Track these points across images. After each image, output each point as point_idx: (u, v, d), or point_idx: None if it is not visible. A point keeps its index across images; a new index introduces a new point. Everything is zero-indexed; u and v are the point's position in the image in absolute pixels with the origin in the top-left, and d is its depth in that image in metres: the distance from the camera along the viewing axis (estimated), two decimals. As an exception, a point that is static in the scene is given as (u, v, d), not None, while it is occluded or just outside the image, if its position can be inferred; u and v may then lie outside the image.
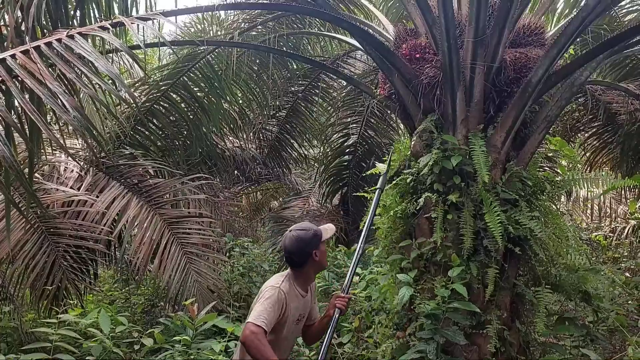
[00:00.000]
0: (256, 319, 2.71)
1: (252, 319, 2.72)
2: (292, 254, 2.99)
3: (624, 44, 4.25)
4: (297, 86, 8.47)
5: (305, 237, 2.99)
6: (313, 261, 3.01)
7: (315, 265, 3.05)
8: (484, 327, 3.87)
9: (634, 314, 6.03)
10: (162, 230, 5.29)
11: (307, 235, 3.00)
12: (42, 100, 2.24)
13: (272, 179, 9.95)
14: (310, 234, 3.01)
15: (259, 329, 2.67)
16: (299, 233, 3.01)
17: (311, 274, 3.09)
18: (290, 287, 2.96)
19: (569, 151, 4.55)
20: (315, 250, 2.99)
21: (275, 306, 2.81)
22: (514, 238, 3.91)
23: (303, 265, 3.01)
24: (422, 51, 4.34)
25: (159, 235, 5.23)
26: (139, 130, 6.75)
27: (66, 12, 3.68)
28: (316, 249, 2.99)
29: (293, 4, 4.74)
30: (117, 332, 4.32)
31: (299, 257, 2.99)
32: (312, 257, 2.99)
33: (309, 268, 3.04)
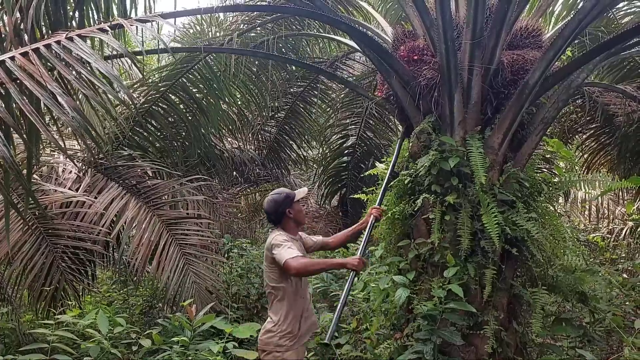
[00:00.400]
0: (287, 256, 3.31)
1: (286, 257, 3.31)
2: (269, 213, 3.68)
3: (621, 46, 4.26)
4: (296, 87, 8.49)
5: (278, 199, 3.65)
6: (288, 218, 3.66)
7: (292, 220, 3.69)
8: (481, 327, 3.89)
9: (631, 315, 6.04)
10: (161, 231, 5.30)
11: (280, 197, 3.66)
12: (41, 102, 2.25)
13: (271, 180, 9.96)
14: (282, 196, 3.66)
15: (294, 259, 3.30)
16: (273, 196, 3.68)
17: (291, 227, 3.71)
18: (284, 234, 3.59)
19: (566, 153, 4.57)
20: (288, 208, 3.65)
21: (289, 242, 3.45)
22: (511, 239, 3.92)
23: (281, 222, 3.66)
24: (420, 53, 4.36)
25: (158, 236, 5.24)
26: (138, 132, 6.76)
27: (65, 13, 3.69)
28: (289, 208, 3.65)
29: (291, 6, 4.75)
30: (115, 333, 4.32)
31: (274, 215, 3.65)
32: (286, 215, 3.65)
33: (287, 223, 3.68)
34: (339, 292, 6.15)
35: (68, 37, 2.55)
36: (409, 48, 4.42)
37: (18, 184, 3.54)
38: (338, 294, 6.14)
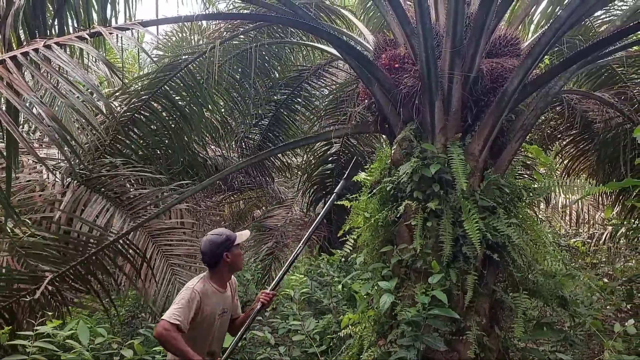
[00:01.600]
0: (169, 317, 3.05)
1: (165, 317, 3.06)
2: (205, 254, 3.33)
3: (598, 54, 4.35)
4: (280, 95, 8.48)
5: (217, 241, 3.32)
6: (225, 262, 3.32)
7: (228, 265, 3.36)
8: (463, 333, 3.92)
9: (611, 319, 6.12)
10: (146, 243, 5.25)
11: (219, 239, 3.33)
12: (20, 112, 2.23)
13: (255, 188, 9.93)
14: (222, 238, 3.33)
15: (171, 325, 3.03)
16: (212, 237, 3.35)
17: (225, 273, 3.39)
18: (205, 286, 3.26)
19: (545, 159, 4.64)
20: (226, 252, 3.31)
21: (189, 304, 3.12)
22: (493, 245, 3.96)
23: (216, 265, 3.33)
24: (401, 61, 4.41)
25: (144, 248, 5.18)
26: (120, 140, 6.70)
27: (44, 21, 3.65)
28: (227, 251, 3.32)
29: (273, 14, 4.77)
30: (97, 344, 4.27)
31: (210, 257, 3.31)
32: (223, 258, 3.31)
33: (222, 268, 3.35)
34: (323, 299, 6.16)
35: (46, 45, 2.53)
36: (390, 56, 4.47)
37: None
38: (322, 301, 6.15)
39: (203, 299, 3.20)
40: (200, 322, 3.22)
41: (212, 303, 3.26)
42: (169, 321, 3.04)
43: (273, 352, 5.03)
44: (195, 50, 6.66)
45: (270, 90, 8.13)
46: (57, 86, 2.51)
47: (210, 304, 3.25)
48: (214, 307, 3.28)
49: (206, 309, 3.22)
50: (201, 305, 3.18)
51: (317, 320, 5.67)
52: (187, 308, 3.12)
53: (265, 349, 5.08)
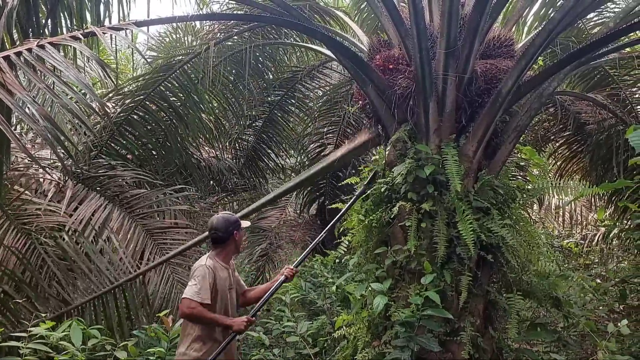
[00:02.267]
0: (192, 295, 3.32)
1: (187, 295, 3.32)
2: (219, 230, 3.61)
3: (591, 55, 4.37)
4: (274, 96, 8.48)
5: (231, 219, 3.67)
6: (233, 239, 3.65)
7: (234, 243, 3.68)
8: (457, 333, 3.92)
9: (604, 319, 6.15)
10: (145, 241, 5.25)
11: (233, 217, 3.70)
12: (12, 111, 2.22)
13: (249, 189, 9.90)
14: (234, 217, 3.71)
15: (194, 302, 3.31)
16: (226, 215, 3.72)
17: (231, 251, 3.70)
18: (214, 262, 3.53)
19: (539, 160, 4.65)
20: (236, 230, 3.65)
21: (207, 279, 3.39)
22: (487, 245, 3.97)
23: (225, 242, 3.63)
24: (396, 62, 4.41)
25: (142, 246, 5.19)
26: (116, 140, 6.68)
27: (37, 21, 3.64)
28: (237, 230, 3.66)
29: (267, 15, 4.77)
30: (90, 346, 4.24)
31: (223, 233, 3.61)
32: (233, 235, 3.63)
33: (230, 245, 3.66)
34: (318, 300, 6.15)
35: (40, 45, 2.52)
36: (385, 57, 4.47)
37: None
38: (316, 302, 6.14)
39: (215, 273, 3.46)
40: (216, 297, 3.47)
41: (222, 277, 3.53)
42: (191, 299, 3.30)
43: (267, 354, 5.01)
44: (190, 51, 6.65)
45: (264, 92, 8.13)
46: (50, 86, 2.49)
47: (221, 279, 3.51)
48: (225, 282, 3.55)
49: (219, 283, 3.48)
50: (215, 279, 3.44)
51: (311, 321, 5.66)
52: (204, 283, 3.36)
53: (259, 350, 5.06)
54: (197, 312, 3.31)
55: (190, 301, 3.30)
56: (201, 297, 3.32)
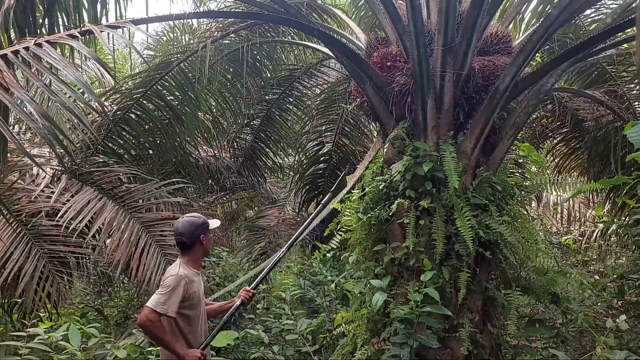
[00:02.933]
0: (154, 305, 3.03)
1: (150, 304, 3.05)
2: (183, 235, 3.33)
3: (588, 52, 4.38)
4: (272, 94, 8.47)
5: (196, 222, 3.36)
6: (200, 244, 3.36)
7: (202, 248, 3.40)
8: (456, 330, 3.93)
9: (602, 315, 6.16)
10: (140, 232, 5.24)
11: (198, 221, 3.38)
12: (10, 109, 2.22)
13: (247, 188, 9.90)
14: (200, 220, 3.39)
15: (155, 314, 3.02)
16: (191, 218, 3.40)
17: (199, 255, 3.43)
18: (187, 270, 3.28)
19: (537, 157, 4.65)
20: (203, 234, 3.36)
21: (176, 289, 3.11)
22: (485, 242, 3.98)
23: (192, 247, 3.35)
24: (393, 59, 4.41)
25: (137, 237, 5.18)
26: (113, 139, 6.67)
27: (34, 20, 3.63)
28: (204, 234, 3.36)
29: (265, 13, 4.76)
30: (89, 345, 4.24)
31: (189, 237, 3.32)
32: (199, 240, 3.35)
33: (197, 250, 3.38)
34: (317, 298, 6.15)
35: (37, 44, 2.51)
36: (382, 54, 4.47)
37: None
38: (315, 300, 6.14)
39: (188, 281, 3.22)
40: (194, 304, 3.28)
41: (196, 285, 3.31)
42: (154, 309, 3.02)
43: (267, 351, 5.02)
44: (187, 49, 6.64)
45: (262, 90, 8.12)
46: (48, 85, 2.49)
47: (195, 286, 3.29)
48: (199, 289, 3.35)
49: (192, 291, 3.24)
50: (188, 288, 3.20)
51: (310, 319, 5.66)
52: (174, 293, 3.10)
53: (258, 348, 5.07)
54: (154, 327, 3.03)
55: (151, 311, 3.01)
56: (164, 309, 3.03)
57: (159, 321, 3.05)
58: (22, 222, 5.01)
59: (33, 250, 4.90)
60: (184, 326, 3.23)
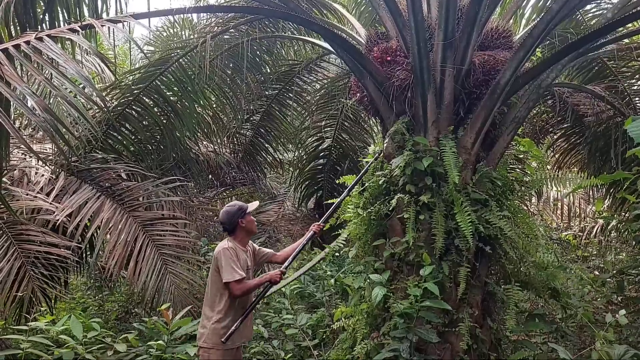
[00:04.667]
0: (234, 276, 3.64)
1: (228, 279, 3.63)
2: (224, 223, 3.92)
3: (589, 47, 4.37)
4: (271, 90, 8.46)
5: (232, 210, 3.91)
6: (241, 227, 3.91)
7: (244, 230, 3.93)
8: (456, 325, 3.94)
9: (602, 311, 6.18)
10: (137, 232, 5.24)
11: (233, 209, 3.92)
12: (11, 103, 2.22)
13: (247, 184, 9.89)
14: (235, 208, 3.93)
15: (239, 282, 3.65)
16: (227, 208, 3.94)
17: (244, 236, 3.96)
18: (234, 245, 3.84)
19: (537, 152, 4.66)
20: (241, 219, 3.89)
21: (234, 258, 3.72)
22: (485, 237, 3.98)
23: (234, 231, 3.91)
24: (393, 54, 4.40)
25: (134, 237, 5.18)
26: (111, 135, 6.68)
27: (35, 16, 3.63)
28: (242, 218, 3.90)
29: (265, 8, 4.76)
30: (90, 338, 4.26)
31: (229, 224, 3.90)
32: (239, 224, 3.89)
33: (240, 232, 3.92)
34: (316, 293, 6.17)
35: (38, 38, 2.51)
36: (382, 49, 4.46)
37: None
38: (315, 295, 6.16)
39: (238, 254, 3.78)
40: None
41: (242, 259, 3.82)
42: (235, 280, 3.63)
43: (266, 346, 5.04)
44: (187, 45, 6.63)
45: (261, 85, 8.11)
46: (49, 79, 2.49)
47: (242, 258, 3.81)
48: (244, 261, 3.83)
49: (242, 261, 3.79)
50: (238, 258, 3.76)
51: (310, 314, 5.68)
52: (235, 262, 3.69)
53: (258, 342, 5.09)
54: (246, 288, 3.69)
55: (236, 283, 3.63)
56: (239, 274, 3.64)
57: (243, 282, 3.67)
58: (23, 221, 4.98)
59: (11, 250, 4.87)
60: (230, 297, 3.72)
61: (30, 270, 4.74)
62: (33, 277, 4.73)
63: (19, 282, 4.70)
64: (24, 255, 4.82)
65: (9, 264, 4.72)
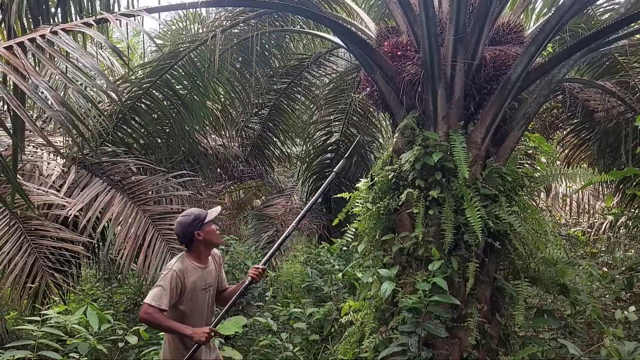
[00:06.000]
0: (151, 300, 3.13)
1: (147, 300, 3.15)
2: (178, 236, 3.41)
3: (601, 42, 4.34)
4: (280, 84, 8.47)
5: (186, 222, 3.35)
6: (197, 240, 3.35)
7: (202, 243, 3.38)
8: (464, 320, 3.94)
9: (610, 307, 6.16)
10: (147, 226, 5.28)
11: (188, 219, 3.36)
12: (26, 96, 2.24)
13: (255, 177, 9.93)
14: (190, 219, 3.36)
15: (151, 308, 3.11)
16: (181, 218, 3.40)
17: (202, 250, 3.40)
18: (184, 264, 3.30)
19: (547, 147, 4.65)
20: (197, 231, 3.33)
21: (169, 284, 3.18)
22: (494, 232, 3.98)
23: (191, 243, 3.37)
24: (404, 49, 4.39)
25: (144, 231, 5.21)
26: (122, 128, 6.71)
27: (47, 10, 3.65)
28: (198, 230, 3.34)
29: (275, 1, 4.76)
30: (101, 330, 4.30)
31: (183, 237, 3.37)
32: (195, 237, 3.34)
33: (197, 245, 3.37)
34: (324, 287, 6.19)
35: (52, 31, 2.53)
36: (393, 44, 4.46)
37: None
38: (323, 289, 6.18)
39: (184, 276, 3.25)
40: (189, 298, 3.30)
41: (194, 278, 3.31)
42: (150, 304, 3.12)
43: (274, 339, 5.07)
44: (196, 38, 6.64)
45: (270, 80, 8.11)
46: (64, 72, 2.50)
47: (192, 280, 3.30)
48: (197, 282, 3.33)
49: (189, 285, 3.27)
50: (183, 282, 3.24)
51: (317, 307, 5.71)
52: (167, 288, 3.17)
53: (266, 335, 5.12)
54: (154, 319, 3.14)
55: (148, 306, 3.13)
56: (158, 303, 3.13)
57: (157, 312, 3.13)
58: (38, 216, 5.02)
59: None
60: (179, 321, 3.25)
61: (43, 265, 4.78)
62: (46, 271, 4.76)
63: (33, 277, 4.74)
64: (38, 250, 4.85)
65: (23, 259, 4.76)
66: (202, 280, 3.37)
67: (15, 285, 4.69)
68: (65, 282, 5.06)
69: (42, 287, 4.70)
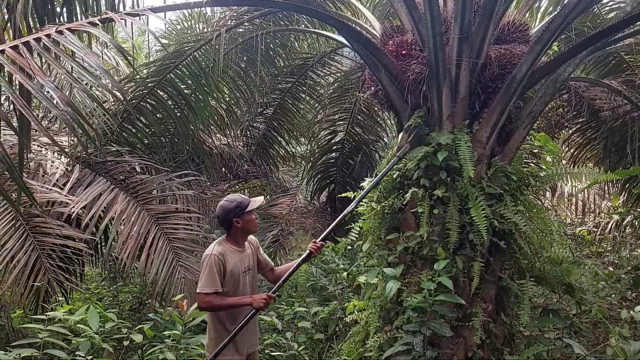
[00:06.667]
0: (202, 288, 3.32)
1: (200, 289, 3.33)
2: (218, 218, 3.54)
3: (606, 41, 4.33)
4: (285, 83, 8.46)
5: (227, 207, 3.47)
6: (236, 227, 3.47)
7: (240, 230, 3.50)
8: (469, 319, 3.94)
9: (616, 307, 6.13)
10: (150, 225, 5.28)
11: (230, 205, 3.47)
12: (32, 95, 2.25)
13: (260, 177, 9.94)
14: (232, 205, 3.47)
15: (208, 296, 3.31)
16: (224, 203, 3.52)
17: (239, 235, 3.54)
18: (223, 248, 3.45)
19: (553, 146, 4.63)
20: (236, 218, 3.44)
21: (212, 269, 3.34)
22: (499, 232, 3.97)
23: (229, 229, 3.51)
24: (408, 48, 4.39)
25: (146, 230, 5.22)
26: (126, 128, 6.72)
27: (53, 9, 3.67)
28: (237, 218, 3.45)
29: (280, 1, 4.76)
30: (106, 329, 4.32)
31: (222, 222, 3.51)
32: (233, 223, 3.46)
33: (235, 231, 3.50)
34: (329, 286, 6.19)
35: (58, 31, 2.54)
36: (398, 43, 4.45)
37: (3, 180, 3.48)
38: (327, 288, 6.18)
39: (224, 259, 3.39)
40: (229, 279, 3.42)
41: (234, 261, 3.44)
42: (206, 292, 3.30)
43: (279, 338, 5.07)
44: (201, 38, 6.65)
45: (275, 79, 8.12)
46: (69, 72, 2.51)
47: (232, 262, 3.43)
48: (237, 264, 3.46)
49: (229, 266, 3.41)
50: (224, 264, 3.38)
51: (322, 307, 5.71)
52: (212, 273, 3.33)
53: (271, 334, 5.13)
54: (214, 305, 3.33)
55: (205, 295, 3.31)
56: (214, 288, 3.31)
57: (215, 296, 3.31)
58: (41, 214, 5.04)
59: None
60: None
61: (46, 262, 4.79)
62: (49, 269, 4.78)
63: (36, 274, 4.76)
64: (40, 247, 4.86)
65: (25, 256, 4.77)
66: (241, 263, 3.50)
67: (17, 282, 4.71)
68: (68, 280, 5.06)
69: (44, 284, 4.70)
